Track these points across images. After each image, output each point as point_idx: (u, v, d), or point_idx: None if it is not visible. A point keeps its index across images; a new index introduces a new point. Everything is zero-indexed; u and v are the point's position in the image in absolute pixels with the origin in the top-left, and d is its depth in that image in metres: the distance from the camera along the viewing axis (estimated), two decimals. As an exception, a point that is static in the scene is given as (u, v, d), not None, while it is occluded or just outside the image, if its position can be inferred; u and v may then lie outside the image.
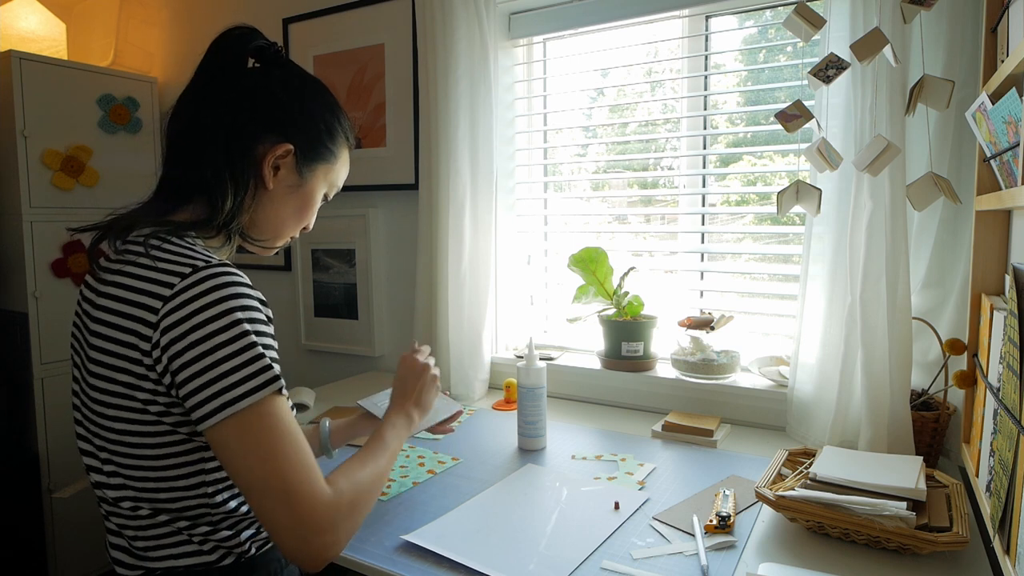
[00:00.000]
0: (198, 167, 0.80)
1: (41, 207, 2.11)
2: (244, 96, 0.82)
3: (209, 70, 0.83)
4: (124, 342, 0.72)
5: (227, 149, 0.80)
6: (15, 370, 2.10)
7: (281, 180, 0.84)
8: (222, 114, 0.80)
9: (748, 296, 1.64)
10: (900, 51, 1.13)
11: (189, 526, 0.77)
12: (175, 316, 0.69)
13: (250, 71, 0.84)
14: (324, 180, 0.90)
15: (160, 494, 0.76)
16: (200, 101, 0.82)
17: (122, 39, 2.58)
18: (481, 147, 1.69)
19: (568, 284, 1.76)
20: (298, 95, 0.86)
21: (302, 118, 0.85)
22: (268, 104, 0.83)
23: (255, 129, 0.81)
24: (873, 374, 1.21)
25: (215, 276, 0.71)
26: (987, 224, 1.11)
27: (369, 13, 1.98)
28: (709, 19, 1.64)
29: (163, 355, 0.70)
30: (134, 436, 0.74)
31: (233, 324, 0.70)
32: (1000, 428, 0.84)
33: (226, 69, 0.83)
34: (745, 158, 1.67)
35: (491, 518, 1.02)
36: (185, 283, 0.70)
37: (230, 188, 0.80)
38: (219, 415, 0.69)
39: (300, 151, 0.84)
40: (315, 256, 2.14)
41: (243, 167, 0.81)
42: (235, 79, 0.82)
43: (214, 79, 0.82)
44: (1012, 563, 0.74)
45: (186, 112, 0.82)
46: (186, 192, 0.81)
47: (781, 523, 0.99)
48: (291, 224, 0.89)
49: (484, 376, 1.75)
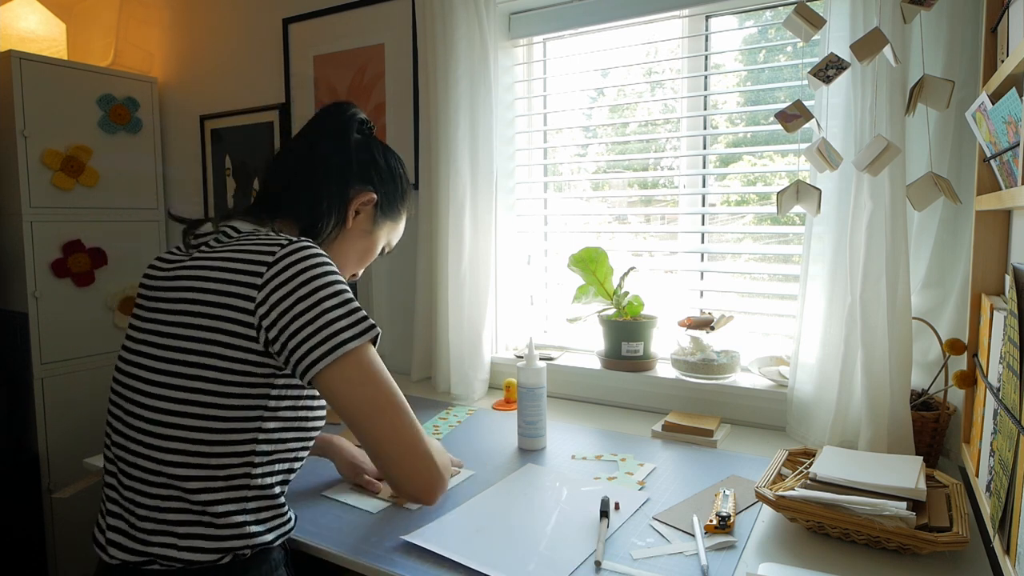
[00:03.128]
0: (309, 195, 0.94)
1: (41, 207, 2.11)
2: (351, 152, 0.98)
3: (321, 128, 0.99)
4: (224, 304, 0.79)
5: (336, 188, 0.96)
6: (15, 370, 2.10)
7: (358, 223, 1.00)
8: (334, 162, 0.96)
9: (748, 296, 1.64)
10: (900, 51, 1.13)
11: (223, 512, 0.80)
12: (281, 277, 0.78)
13: (355, 137, 1.00)
14: (387, 235, 1.07)
15: (212, 460, 0.80)
16: (314, 149, 0.97)
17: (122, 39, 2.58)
18: (481, 147, 1.69)
19: (568, 284, 1.76)
20: (388, 161, 1.03)
21: (389, 179, 1.02)
22: (368, 162, 1.00)
23: (353, 175, 0.98)
24: (873, 374, 1.21)
25: (307, 247, 0.82)
26: (987, 224, 1.11)
27: (369, 13, 1.98)
28: (709, 19, 1.64)
29: (271, 311, 0.77)
30: (207, 395, 0.79)
31: (332, 282, 0.81)
32: (1000, 428, 0.84)
33: (338, 130, 0.99)
34: (745, 158, 1.67)
35: (491, 518, 1.02)
36: (283, 251, 0.80)
37: (331, 220, 0.95)
38: (331, 357, 0.77)
39: (380, 203, 1.01)
40: (315, 256, 2.14)
41: (341, 201, 0.96)
42: (344, 138, 0.99)
43: (326, 135, 0.98)
44: (1012, 563, 0.74)
45: (298, 156, 0.97)
46: (281, 211, 0.94)
47: (781, 523, 1.00)
48: (351, 264, 1.03)
49: (484, 376, 1.75)
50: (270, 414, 0.82)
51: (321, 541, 0.96)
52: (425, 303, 1.86)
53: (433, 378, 1.81)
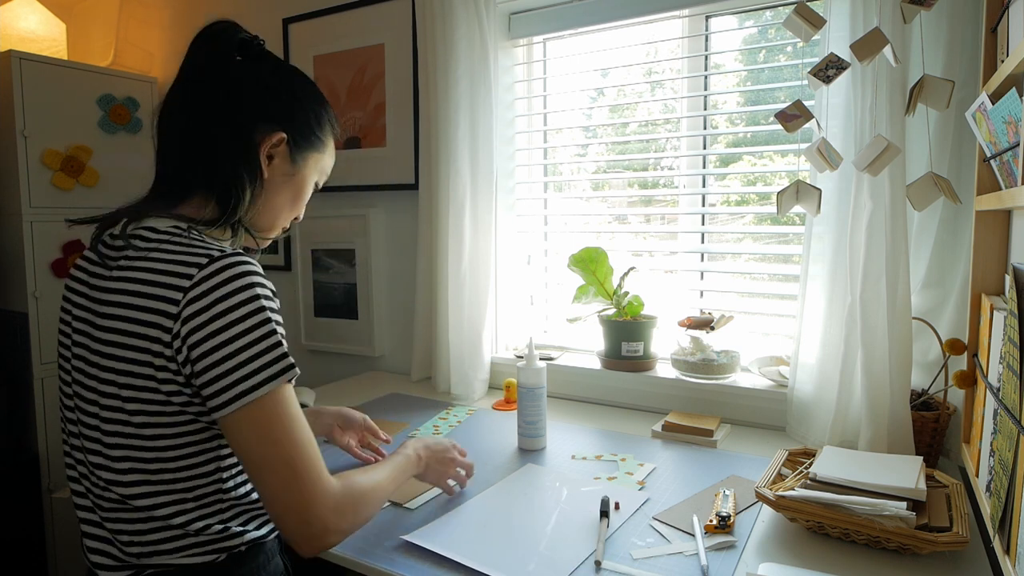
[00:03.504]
0: (207, 162, 0.81)
1: (41, 207, 2.11)
2: (236, 88, 0.83)
3: (196, 65, 0.83)
4: (144, 335, 0.72)
5: (233, 142, 0.81)
6: (15, 370, 2.10)
7: (276, 169, 0.86)
8: (219, 108, 0.81)
9: (748, 296, 1.64)
10: (900, 51, 1.13)
11: (204, 527, 0.78)
12: (195, 306, 0.71)
13: (238, 63, 0.84)
14: (315, 168, 0.93)
15: (178, 484, 0.77)
16: (193, 97, 0.82)
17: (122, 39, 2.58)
18: (481, 147, 1.69)
19: (568, 284, 1.76)
20: (288, 86, 0.88)
21: (293, 107, 0.87)
22: (261, 95, 0.84)
23: (251, 120, 0.83)
24: (873, 374, 1.21)
25: (233, 265, 0.73)
26: (987, 224, 1.11)
27: (369, 13, 1.98)
28: (709, 19, 1.64)
29: (183, 345, 0.71)
30: (155, 428, 0.75)
31: (253, 313, 0.72)
32: (1000, 428, 0.84)
33: (213, 63, 0.83)
34: (745, 158, 1.67)
35: (491, 518, 1.02)
36: (203, 273, 0.72)
37: (247, 182, 0.82)
38: (237, 403, 0.71)
39: (293, 140, 0.86)
40: (315, 256, 2.14)
41: (252, 159, 0.83)
42: (224, 72, 0.83)
43: (203, 74, 0.83)
44: (1012, 563, 0.74)
45: (180, 109, 0.83)
46: (189, 188, 0.83)
47: (781, 523, 1.00)
48: (285, 213, 0.91)
49: (484, 376, 1.75)
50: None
51: (321, 541, 0.96)
52: (425, 303, 1.86)
53: (433, 378, 1.81)
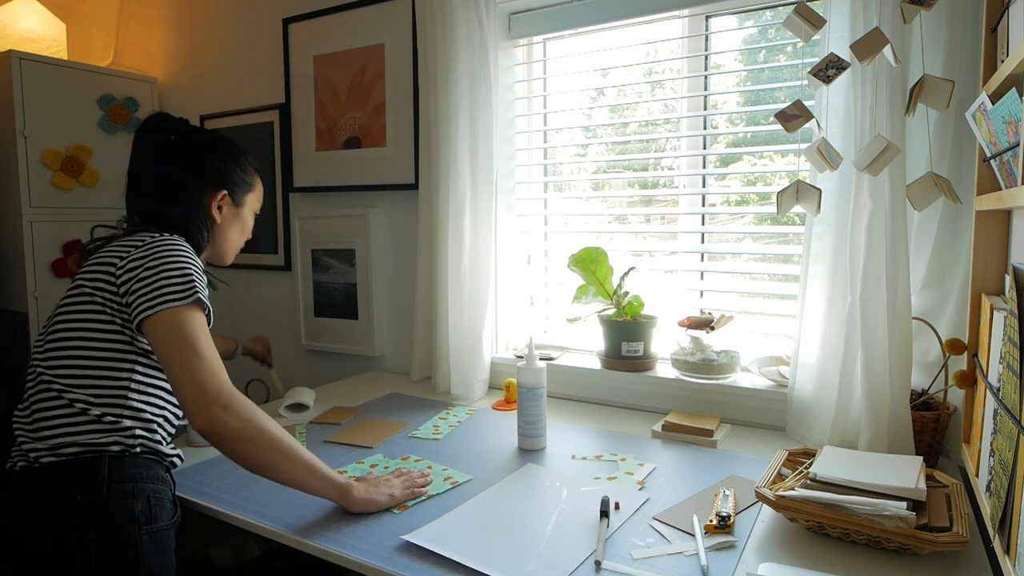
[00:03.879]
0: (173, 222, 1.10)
1: (41, 207, 2.11)
2: (181, 167, 1.12)
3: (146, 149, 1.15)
4: (97, 278, 1.01)
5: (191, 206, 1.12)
6: (15, 370, 2.10)
7: (225, 216, 1.18)
8: (174, 184, 1.12)
9: (748, 296, 1.64)
10: (900, 51, 1.13)
11: (102, 415, 0.97)
12: (136, 254, 1.00)
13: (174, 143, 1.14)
14: (253, 205, 1.24)
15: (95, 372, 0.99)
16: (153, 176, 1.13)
17: (122, 39, 2.58)
18: (481, 147, 1.69)
19: (568, 284, 1.76)
20: (217, 152, 1.17)
21: (226, 167, 1.17)
22: (200, 167, 1.14)
23: (201, 187, 1.14)
24: (873, 374, 1.21)
25: (165, 240, 1.03)
26: (987, 224, 1.11)
27: (369, 13, 1.98)
28: (709, 19, 1.64)
29: (124, 273, 0.99)
30: (91, 331, 0.99)
31: (173, 261, 1.00)
32: (1000, 428, 0.84)
33: (158, 147, 1.14)
34: (745, 158, 1.67)
35: (491, 518, 1.02)
36: (151, 239, 1.03)
37: (204, 230, 1.14)
38: (156, 308, 0.95)
39: (232, 192, 1.17)
40: (315, 256, 2.14)
41: (205, 215, 1.15)
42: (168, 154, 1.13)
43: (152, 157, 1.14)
44: (1012, 563, 0.74)
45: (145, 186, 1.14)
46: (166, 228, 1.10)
47: (781, 523, 1.00)
48: (235, 242, 1.23)
49: (484, 376, 1.75)
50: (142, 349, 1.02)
51: (321, 541, 0.96)
52: (425, 303, 1.86)
53: (433, 378, 1.81)
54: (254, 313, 2.37)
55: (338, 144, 2.07)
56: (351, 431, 1.44)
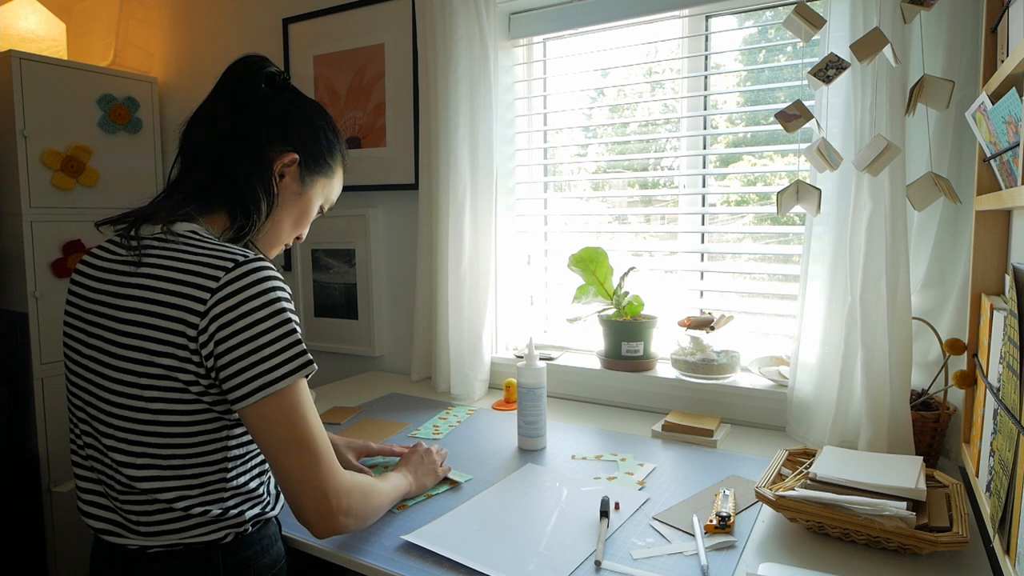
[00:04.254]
0: (227, 177, 0.88)
1: (41, 207, 2.11)
2: (258, 112, 0.91)
3: (225, 89, 0.93)
4: (169, 329, 0.78)
5: (250, 158, 0.89)
6: (15, 370, 2.10)
7: (285, 188, 0.94)
8: (241, 128, 0.90)
9: (748, 296, 1.64)
10: (900, 51, 1.13)
11: (203, 512, 0.82)
12: (223, 305, 0.77)
13: (263, 92, 0.93)
14: (321, 192, 1.00)
15: (186, 470, 0.81)
16: (219, 118, 0.91)
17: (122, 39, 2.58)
18: (481, 147, 1.69)
19: (568, 284, 1.76)
20: (304, 113, 0.96)
21: (308, 133, 0.95)
22: (279, 119, 0.93)
23: (268, 140, 0.91)
24: (873, 374, 1.21)
25: (257, 270, 0.79)
26: (987, 224, 1.11)
27: (369, 13, 1.98)
28: (709, 19, 1.64)
29: (210, 341, 0.77)
30: (171, 415, 0.80)
31: (276, 313, 0.79)
32: (1000, 428, 0.84)
33: (240, 89, 0.92)
34: (745, 158, 1.67)
35: (491, 518, 1.02)
36: (231, 275, 0.78)
37: (262, 197, 0.90)
38: (259, 394, 0.77)
39: (304, 161, 0.94)
40: (315, 256, 2.14)
41: (266, 175, 0.90)
42: (249, 97, 0.92)
43: (231, 97, 0.92)
44: (1012, 563, 0.74)
45: (207, 128, 0.91)
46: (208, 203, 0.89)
47: (781, 523, 1.00)
48: (288, 232, 0.98)
49: (484, 376, 1.75)
50: (235, 421, 0.84)
51: (321, 541, 0.96)
52: (425, 303, 1.86)
53: (433, 378, 1.81)
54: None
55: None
56: (351, 431, 1.44)
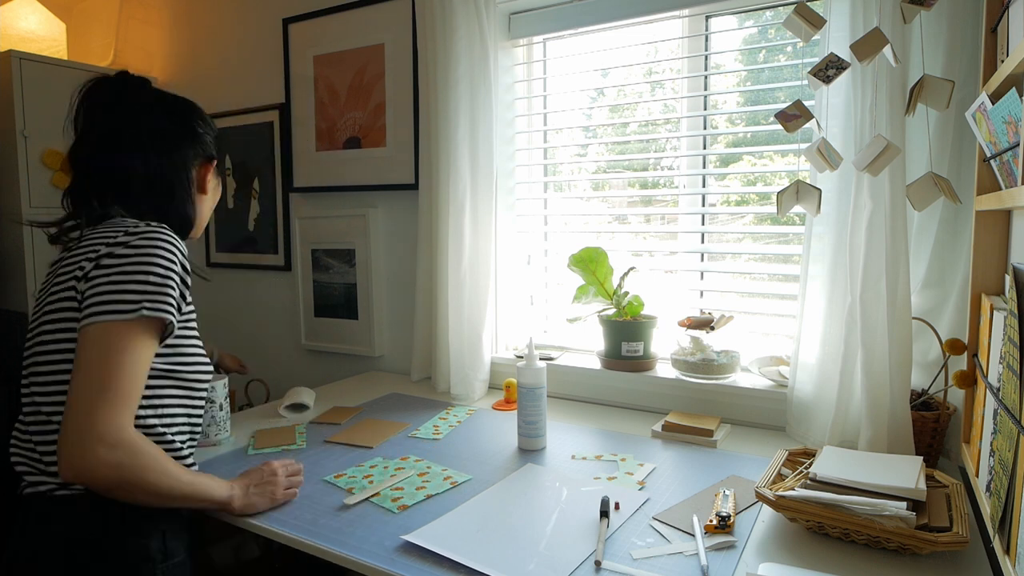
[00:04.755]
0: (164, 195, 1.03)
1: (41, 207, 2.11)
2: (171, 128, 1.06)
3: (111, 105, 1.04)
4: (71, 275, 0.91)
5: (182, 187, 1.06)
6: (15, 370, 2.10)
7: (212, 187, 1.16)
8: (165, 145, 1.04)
9: (748, 296, 1.64)
10: (900, 51, 1.13)
11: None
12: (105, 251, 0.90)
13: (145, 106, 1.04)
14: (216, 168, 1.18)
15: None
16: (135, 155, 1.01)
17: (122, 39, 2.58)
18: (481, 147, 1.69)
19: (568, 284, 1.76)
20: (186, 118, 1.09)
21: (208, 135, 1.12)
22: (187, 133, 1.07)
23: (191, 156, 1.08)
24: (873, 374, 1.21)
25: (145, 235, 0.92)
26: (987, 224, 1.11)
27: (369, 13, 1.98)
28: (709, 19, 1.64)
29: (85, 279, 0.89)
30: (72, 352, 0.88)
31: (143, 263, 0.89)
32: (1000, 428, 0.84)
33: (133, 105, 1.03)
34: (745, 158, 1.67)
35: (491, 518, 1.02)
36: (120, 238, 0.91)
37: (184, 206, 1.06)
38: (87, 320, 0.86)
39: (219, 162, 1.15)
40: (315, 256, 2.14)
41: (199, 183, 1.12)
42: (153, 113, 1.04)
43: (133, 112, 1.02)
44: (1012, 563, 0.74)
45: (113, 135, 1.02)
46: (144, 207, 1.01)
47: (781, 523, 1.00)
48: (210, 208, 1.18)
49: (484, 376, 1.75)
50: None
51: (321, 541, 0.96)
52: (425, 303, 1.86)
53: (433, 378, 1.81)
54: (254, 313, 2.37)
55: (338, 144, 2.07)
56: (351, 431, 1.44)
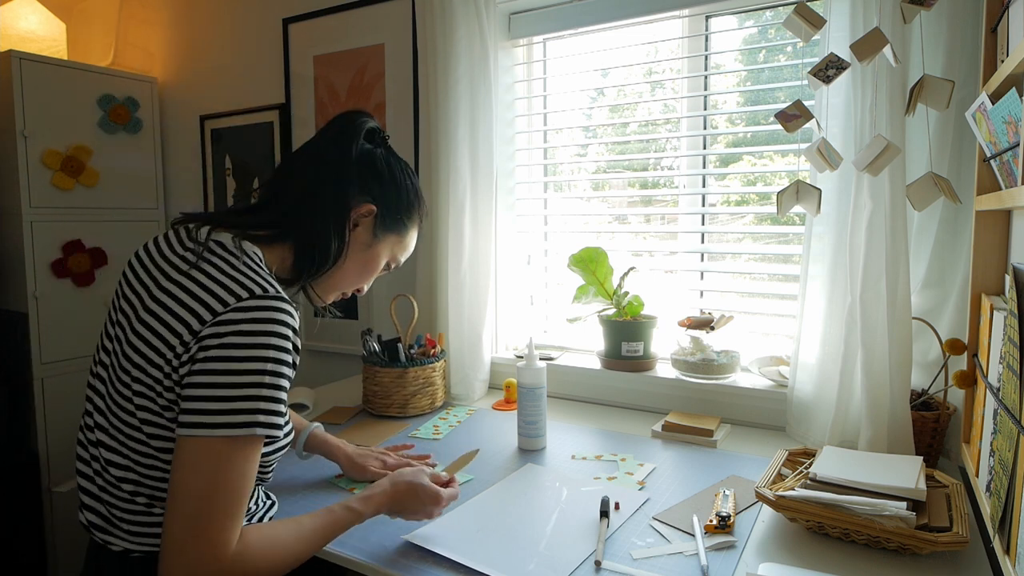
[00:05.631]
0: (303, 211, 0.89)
1: (41, 207, 2.11)
2: (351, 160, 0.93)
3: (327, 134, 0.95)
4: (167, 341, 0.77)
5: (330, 201, 0.90)
6: (15, 370, 2.10)
7: (356, 237, 0.94)
8: (330, 170, 0.91)
9: (748, 296, 1.64)
10: (900, 51, 1.13)
11: None
12: (214, 330, 0.75)
13: (360, 143, 0.95)
14: (390, 250, 1.00)
15: (164, 483, 0.81)
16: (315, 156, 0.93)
17: (122, 39, 2.58)
18: (481, 147, 1.69)
19: (568, 284, 1.76)
20: (393, 170, 0.97)
21: (391, 189, 0.96)
22: (367, 171, 0.94)
23: (352, 187, 0.92)
24: (873, 374, 1.21)
25: (266, 309, 0.77)
26: (987, 224, 1.11)
27: (369, 13, 1.98)
28: (709, 19, 1.64)
29: (189, 362, 0.75)
30: (153, 427, 0.80)
31: (257, 359, 0.75)
32: (1000, 428, 0.84)
33: (341, 137, 0.94)
34: (745, 158, 1.67)
35: (491, 518, 1.02)
36: (239, 304, 0.76)
37: (332, 240, 0.90)
38: (192, 430, 0.74)
39: (380, 215, 0.95)
40: (315, 256, 2.14)
41: (341, 220, 0.91)
42: (346, 146, 0.93)
43: (332, 141, 0.94)
44: (1012, 563, 0.74)
45: (300, 159, 0.94)
46: (279, 234, 0.90)
47: (781, 523, 1.00)
48: (350, 281, 0.98)
49: (484, 376, 1.75)
50: None
51: (321, 541, 0.96)
52: (425, 303, 1.86)
53: (433, 378, 1.81)
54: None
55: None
56: (351, 431, 1.44)
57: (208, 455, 0.74)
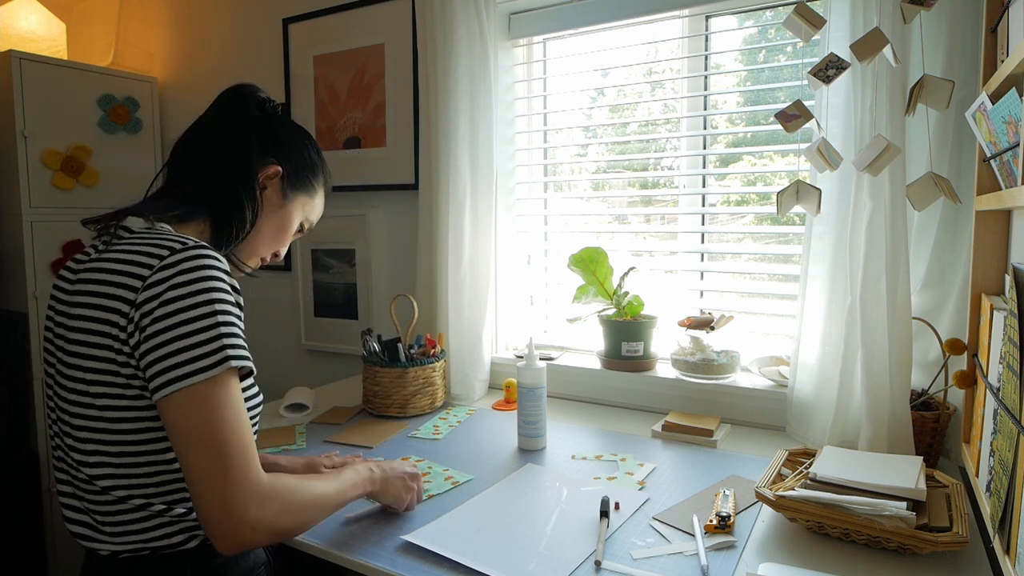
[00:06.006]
0: (211, 185, 0.91)
1: (41, 207, 2.11)
2: (247, 127, 0.95)
3: (218, 108, 0.97)
4: (106, 320, 0.77)
5: (236, 169, 0.93)
6: (15, 370, 2.10)
7: (267, 199, 0.96)
8: (230, 141, 0.94)
9: (748, 296, 1.64)
10: (900, 51, 1.13)
11: (164, 509, 0.81)
12: (150, 293, 0.75)
13: (252, 112, 0.98)
14: (302, 210, 1.02)
15: (138, 468, 0.80)
16: (210, 132, 0.95)
17: (122, 39, 2.58)
18: (481, 147, 1.69)
19: (568, 284, 1.76)
20: (293, 134, 1.01)
21: (293, 150, 0.99)
22: (266, 136, 0.97)
23: (254, 152, 0.94)
24: (873, 374, 1.21)
25: (192, 258, 0.77)
26: (987, 224, 1.11)
27: (369, 13, 1.98)
28: (709, 19, 1.64)
29: (136, 330, 0.75)
30: (117, 411, 0.78)
31: (204, 303, 0.76)
32: (1000, 428, 0.84)
33: (234, 108, 0.97)
34: (745, 158, 1.67)
35: (491, 518, 1.02)
36: (164, 263, 0.77)
37: (246, 205, 0.92)
38: (170, 387, 0.73)
39: (287, 175, 0.97)
40: (315, 256, 2.14)
41: (250, 185, 0.93)
42: (240, 116, 0.96)
43: (224, 114, 0.96)
44: (1012, 563, 0.74)
45: (197, 136, 0.96)
46: (190, 211, 0.91)
47: (781, 523, 1.00)
48: (267, 244, 0.99)
49: (484, 376, 1.75)
50: None
51: (321, 541, 0.96)
52: (425, 303, 1.86)
53: (433, 378, 1.81)
54: (254, 312, 2.36)
55: (338, 144, 2.07)
56: (351, 431, 1.44)
57: (193, 405, 0.73)
